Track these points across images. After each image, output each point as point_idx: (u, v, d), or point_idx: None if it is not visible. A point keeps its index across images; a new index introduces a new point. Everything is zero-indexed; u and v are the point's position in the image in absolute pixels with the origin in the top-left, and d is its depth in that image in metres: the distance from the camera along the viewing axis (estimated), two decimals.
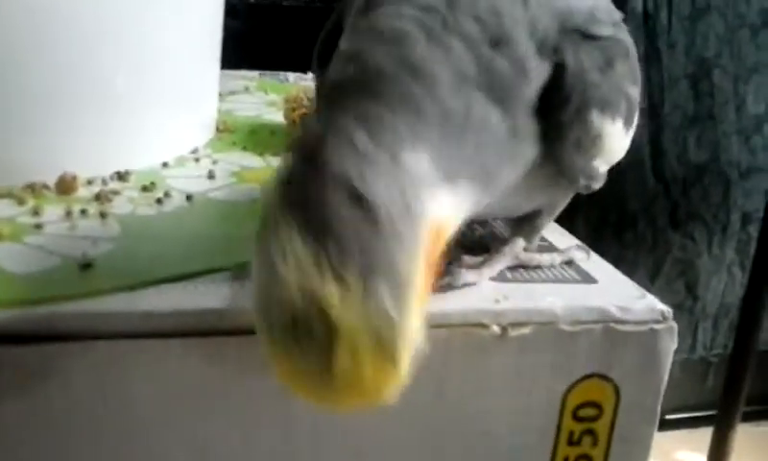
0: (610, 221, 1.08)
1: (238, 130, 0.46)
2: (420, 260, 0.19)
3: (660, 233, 1.17)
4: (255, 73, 0.67)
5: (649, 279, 1.16)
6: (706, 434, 1.09)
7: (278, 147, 0.42)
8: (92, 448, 0.23)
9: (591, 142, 0.24)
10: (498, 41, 0.22)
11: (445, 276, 0.26)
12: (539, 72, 0.23)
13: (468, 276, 0.26)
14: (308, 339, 0.18)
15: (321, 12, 1.05)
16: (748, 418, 1.17)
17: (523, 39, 0.23)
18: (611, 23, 0.25)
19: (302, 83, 0.64)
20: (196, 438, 0.24)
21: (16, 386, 0.22)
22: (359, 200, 0.18)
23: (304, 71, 0.69)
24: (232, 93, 0.57)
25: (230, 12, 0.54)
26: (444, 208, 0.20)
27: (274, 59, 0.75)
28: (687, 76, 1.08)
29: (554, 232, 0.30)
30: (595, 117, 0.24)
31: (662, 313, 0.25)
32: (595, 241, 0.30)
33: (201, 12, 0.42)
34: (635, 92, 0.26)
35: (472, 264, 0.26)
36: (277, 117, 0.49)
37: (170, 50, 0.39)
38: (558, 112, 0.23)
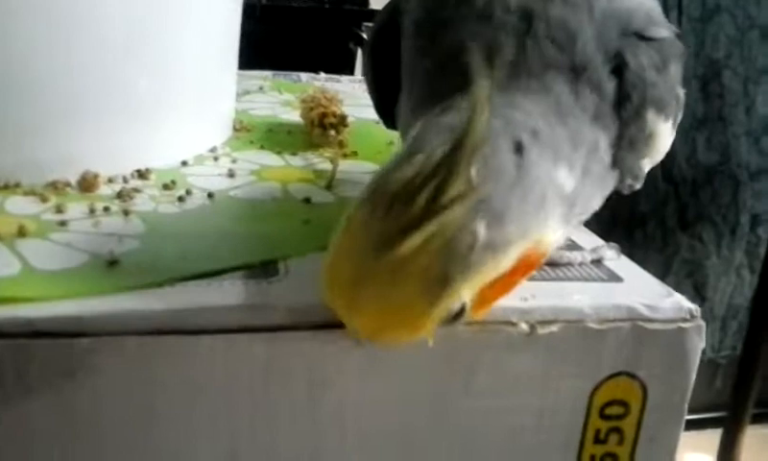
0: (620, 221, 1.08)
1: (255, 129, 0.46)
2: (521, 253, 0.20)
3: (670, 234, 1.17)
4: (269, 73, 0.67)
5: (658, 280, 1.16)
6: (713, 435, 1.09)
7: (295, 146, 0.43)
8: (119, 444, 0.23)
9: (644, 141, 0.25)
10: (579, 69, 0.23)
11: None
12: (609, 85, 0.23)
13: None
14: (398, 211, 0.18)
15: (329, 13, 1.06)
16: (757, 419, 1.17)
17: (597, 59, 0.23)
18: (665, 24, 0.26)
19: (316, 83, 0.64)
20: (223, 437, 0.24)
21: (45, 382, 0.22)
22: (519, 150, 0.20)
23: (316, 71, 0.69)
24: (247, 93, 0.57)
25: (243, 13, 0.53)
26: (557, 232, 0.22)
27: (284, 59, 0.75)
28: (697, 77, 1.08)
29: (578, 232, 0.30)
30: (651, 116, 0.24)
31: (690, 311, 0.25)
32: (605, 241, 0.30)
33: (220, 14, 0.42)
34: (682, 93, 0.26)
35: None
36: (293, 117, 0.49)
37: (190, 51, 0.39)
38: (616, 112, 0.24)
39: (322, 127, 0.42)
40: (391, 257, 0.18)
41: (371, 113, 0.38)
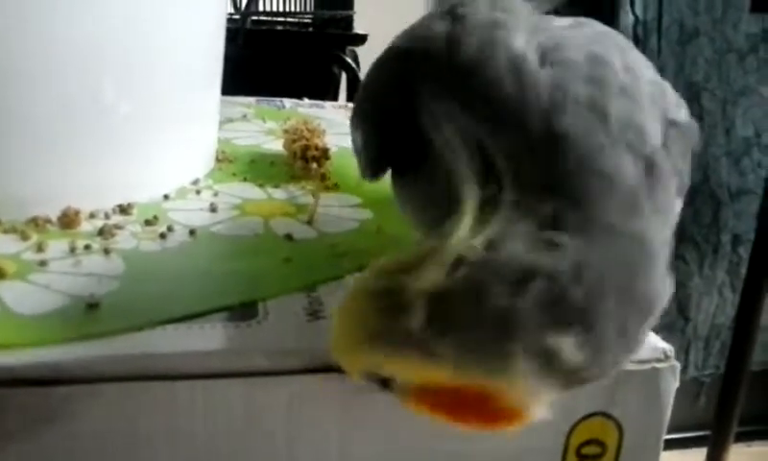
0: None
1: (238, 159, 0.47)
2: None
3: None
4: (252, 99, 0.67)
5: None
6: (697, 454, 1.10)
7: (278, 178, 0.43)
8: None
9: None
10: (650, 166, 0.21)
11: None
12: None
13: None
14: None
15: (312, 37, 1.06)
16: (740, 438, 1.17)
17: (661, 155, 0.22)
18: (683, 105, 0.24)
19: (300, 109, 0.65)
20: None
21: (23, 428, 0.22)
22: None
23: (299, 96, 0.70)
24: (230, 121, 0.57)
25: (229, 39, 0.54)
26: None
27: (267, 83, 0.75)
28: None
29: None
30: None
31: (665, 352, 0.25)
32: None
33: (202, 39, 0.42)
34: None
35: None
36: (276, 146, 0.49)
37: (172, 78, 0.39)
38: None
39: (304, 159, 0.42)
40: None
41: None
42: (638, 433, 0.26)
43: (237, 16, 0.92)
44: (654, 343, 0.26)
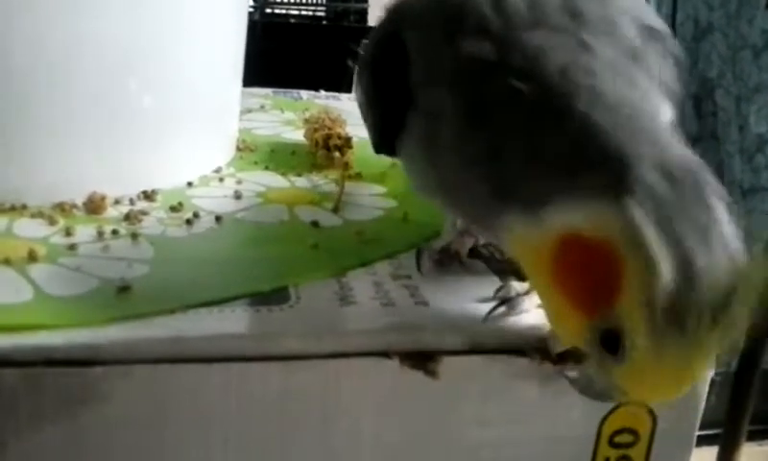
0: None
1: (259, 149, 0.47)
2: None
3: None
4: (269, 91, 0.67)
5: None
6: (708, 453, 1.09)
7: (300, 167, 0.43)
8: None
9: None
10: (633, 54, 0.23)
11: (500, 302, 0.26)
12: None
13: (522, 303, 0.26)
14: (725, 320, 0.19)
15: (327, 29, 1.06)
16: (752, 437, 1.17)
17: (641, 48, 0.24)
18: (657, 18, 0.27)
19: (317, 101, 0.65)
20: None
21: (58, 410, 0.22)
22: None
23: (314, 88, 0.69)
24: (249, 111, 0.57)
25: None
26: None
27: (282, 76, 0.75)
28: (691, 96, 1.09)
29: None
30: None
31: None
32: None
33: (225, 32, 0.42)
34: None
35: (522, 291, 0.26)
36: (296, 136, 0.49)
37: (194, 68, 0.39)
38: None
39: (326, 149, 0.42)
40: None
41: None
42: (672, 421, 0.26)
43: (253, 8, 0.92)
44: None
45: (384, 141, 0.29)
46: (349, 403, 0.24)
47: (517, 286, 0.27)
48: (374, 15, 1.05)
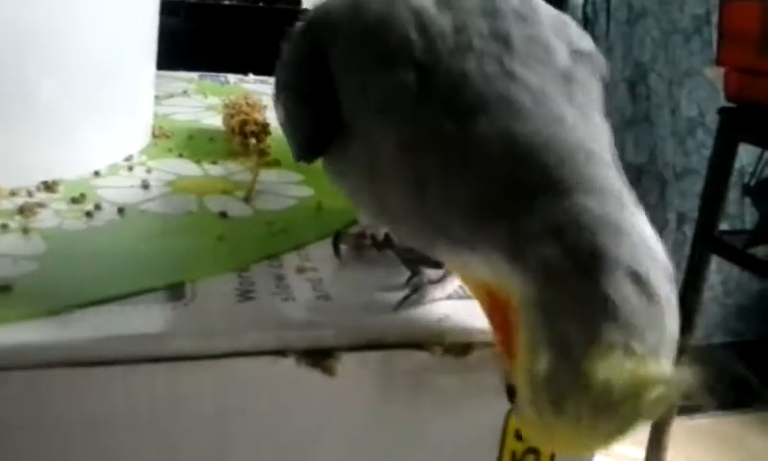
0: None
1: (175, 135, 0.45)
2: None
3: None
4: (195, 75, 0.65)
5: None
6: (645, 428, 1.12)
7: (216, 154, 0.41)
8: None
9: None
10: (566, 77, 0.22)
11: (411, 292, 0.25)
12: None
13: (433, 291, 0.25)
14: (609, 416, 0.18)
15: (262, 12, 1.04)
16: (683, 411, 1.21)
17: (574, 69, 0.23)
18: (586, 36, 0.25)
19: (244, 85, 0.63)
20: None
21: None
22: (642, 283, 0.18)
23: (245, 73, 0.67)
24: (170, 96, 0.55)
25: (170, 11, 0.51)
26: None
27: (213, 59, 0.73)
28: (625, 80, 1.11)
29: None
30: None
31: None
32: None
33: (132, 11, 0.40)
34: None
35: (435, 279, 0.26)
36: (217, 122, 0.47)
37: (99, 52, 0.37)
38: None
39: (242, 135, 0.41)
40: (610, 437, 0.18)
41: None
42: None
43: None
44: None
45: (305, 158, 0.28)
46: (244, 405, 0.23)
47: (431, 274, 0.27)
48: None
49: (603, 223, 0.18)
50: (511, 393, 0.20)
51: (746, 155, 1.05)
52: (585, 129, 0.21)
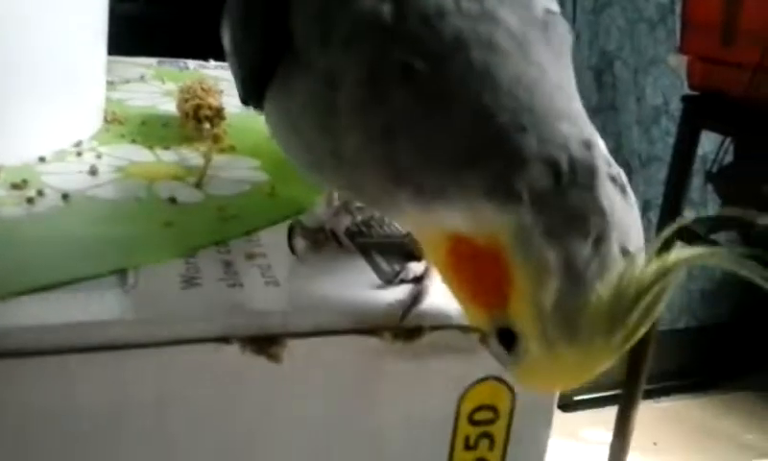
0: None
1: (129, 121, 0.43)
2: None
3: None
4: (154, 60, 0.63)
5: None
6: (612, 412, 1.14)
7: (169, 140, 0.40)
8: None
9: None
10: (543, 24, 0.22)
11: (412, 302, 0.24)
12: None
13: (429, 288, 0.25)
14: (620, 331, 0.18)
15: None
16: (649, 395, 1.23)
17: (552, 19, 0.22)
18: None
19: (204, 70, 0.61)
20: None
21: None
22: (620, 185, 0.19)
23: (205, 58, 0.66)
24: (126, 82, 0.54)
25: None
26: None
27: (175, 45, 0.72)
28: (591, 68, 1.12)
29: None
30: None
31: None
32: None
33: None
34: None
35: (420, 273, 0.25)
36: (172, 108, 0.46)
37: (44, 35, 0.36)
38: None
39: (196, 119, 0.40)
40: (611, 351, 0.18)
41: None
42: (531, 397, 0.25)
43: None
44: None
45: (253, 94, 0.26)
46: (187, 394, 0.22)
47: (414, 268, 0.26)
48: None
49: (588, 142, 0.19)
50: (505, 339, 0.19)
51: (709, 142, 1.07)
52: (560, 73, 0.21)
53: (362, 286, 0.25)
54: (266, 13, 0.23)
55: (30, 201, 0.30)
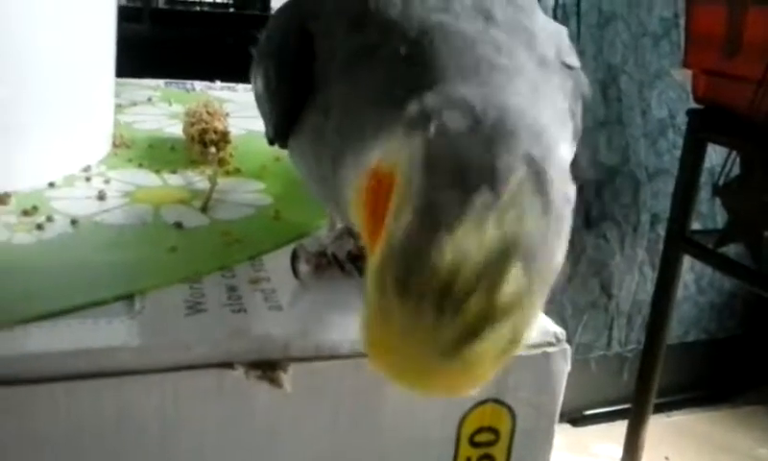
0: None
1: (136, 144, 0.44)
2: None
3: (575, 233, 1.20)
4: (161, 82, 0.64)
5: (566, 280, 1.19)
6: (623, 427, 1.13)
7: (177, 164, 0.41)
8: None
9: None
10: (541, 60, 0.22)
11: None
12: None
13: None
14: (452, 312, 0.16)
15: (231, 18, 1.03)
16: (659, 409, 1.22)
17: (553, 63, 0.23)
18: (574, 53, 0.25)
19: (211, 92, 0.62)
20: None
21: None
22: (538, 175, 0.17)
23: (212, 79, 0.67)
24: (134, 104, 0.55)
25: (135, 18, 0.51)
26: None
27: (182, 65, 0.72)
28: (597, 81, 1.12)
29: None
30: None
31: (556, 335, 0.25)
32: None
33: (88, 17, 0.39)
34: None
35: None
36: (178, 130, 0.47)
37: (53, 58, 0.36)
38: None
39: (202, 143, 0.40)
40: (458, 362, 0.16)
41: (260, 125, 0.35)
42: (531, 418, 0.25)
43: None
44: (545, 326, 0.25)
45: (279, 136, 0.27)
46: (191, 420, 0.22)
47: None
48: (279, 4, 1.02)
49: (541, 137, 0.17)
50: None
51: (716, 155, 1.06)
52: (544, 86, 0.21)
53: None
54: (297, 60, 0.24)
55: (39, 227, 0.31)
